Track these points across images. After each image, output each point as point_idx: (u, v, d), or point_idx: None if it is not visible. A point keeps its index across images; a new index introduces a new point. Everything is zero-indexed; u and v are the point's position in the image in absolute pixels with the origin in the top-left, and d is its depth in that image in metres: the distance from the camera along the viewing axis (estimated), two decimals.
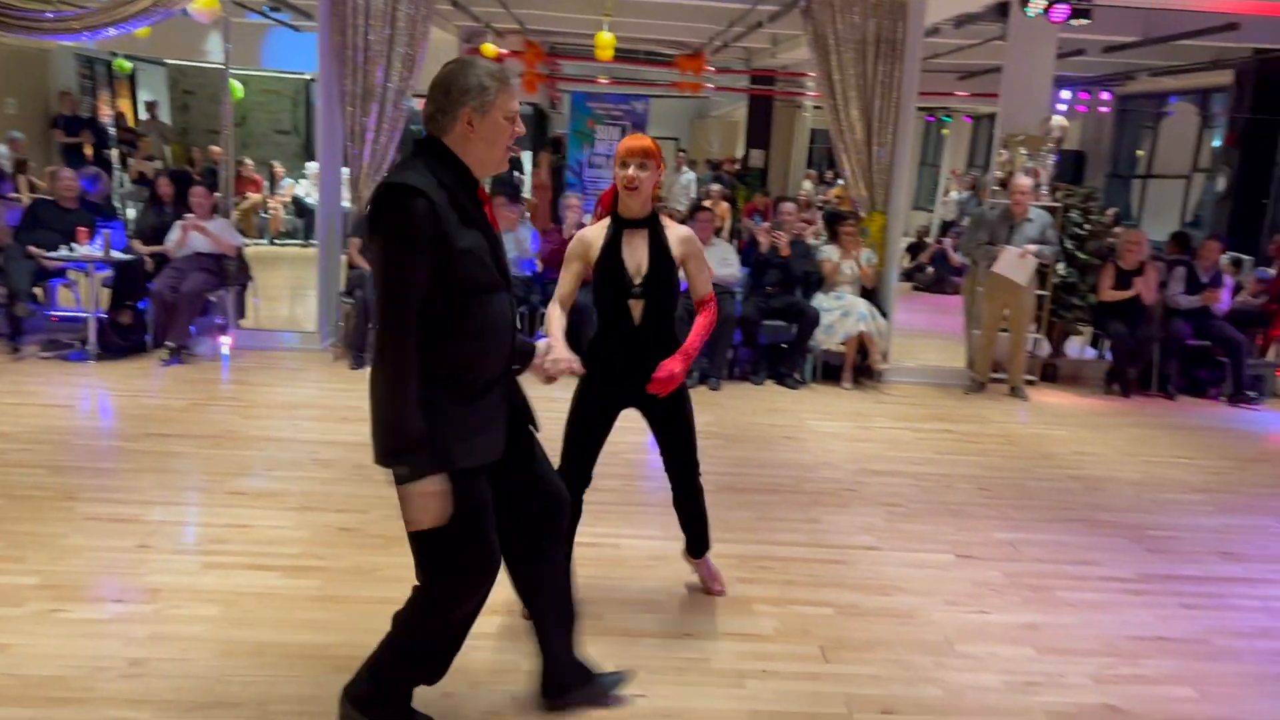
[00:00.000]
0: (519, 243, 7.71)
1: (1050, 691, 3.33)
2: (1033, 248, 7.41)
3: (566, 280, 3.57)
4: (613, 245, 3.48)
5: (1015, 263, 7.40)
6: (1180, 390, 8.11)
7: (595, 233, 3.54)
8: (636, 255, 3.48)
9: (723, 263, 7.82)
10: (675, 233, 3.57)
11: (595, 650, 3.42)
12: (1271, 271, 9.39)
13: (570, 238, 3.50)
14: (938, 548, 4.57)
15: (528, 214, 9.84)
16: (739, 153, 18.38)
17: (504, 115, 2.55)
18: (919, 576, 4.24)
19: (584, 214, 8.12)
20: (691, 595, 3.91)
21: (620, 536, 4.47)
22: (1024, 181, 7.52)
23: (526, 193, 13.28)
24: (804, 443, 6.21)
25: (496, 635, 3.52)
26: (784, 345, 7.86)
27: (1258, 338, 8.85)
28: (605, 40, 11.28)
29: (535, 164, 13.26)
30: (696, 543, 3.89)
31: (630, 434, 6.15)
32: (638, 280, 3.48)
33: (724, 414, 6.77)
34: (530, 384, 2.96)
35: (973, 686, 3.34)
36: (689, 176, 14.00)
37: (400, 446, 2.46)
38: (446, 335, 2.51)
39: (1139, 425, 7.16)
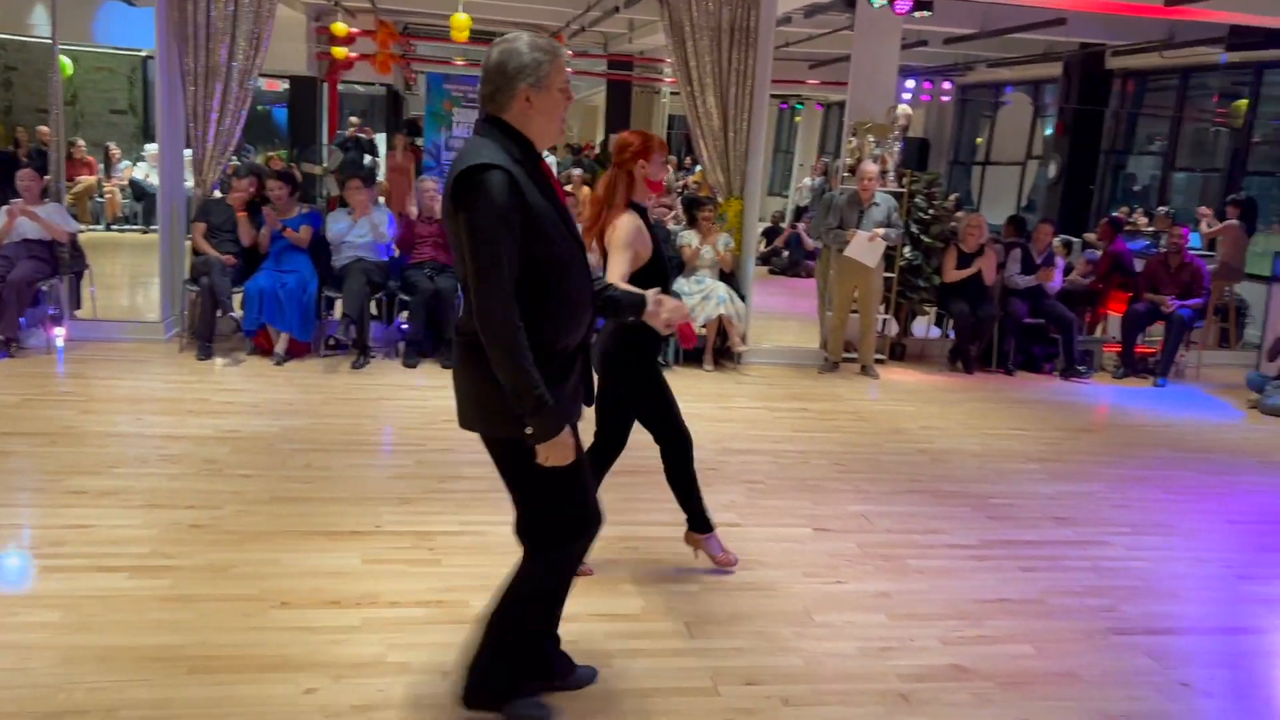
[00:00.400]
0: (374, 227, 7.53)
1: (902, 655, 3.49)
2: (881, 231, 7.70)
3: (626, 263, 3.62)
4: (650, 232, 3.73)
5: (865, 246, 7.67)
6: (1018, 366, 8.58)
7: (637, 221, 3.69)
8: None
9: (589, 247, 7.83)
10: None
11: (463, 638, 3.40)
12: (1098, 253, 10.03)
13: (432, 223, 3.48)
14: (796, 522, 4.72)
15: (381, 198, 9.63)
16: (599, 137, 18.42)
17: (558, 88, 2.66)
18: (778, 550, 4.37)
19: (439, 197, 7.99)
20: None
21: (489, 524, 4.44)
22: (870, 168, 7.80)
23: (382, 176, 12.98)
24: None
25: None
26: None
27: (1087, 315, 9.45)
28: (460, 21, 11.10)
29: (390, 146, 12.96)
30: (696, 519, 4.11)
31: None
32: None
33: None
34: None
35: (831, 654, 3.48)
36: (549, 160, 13.95)
37: (533, 408, 2.56)
38: (534, 308, 2.59)
39: (980, 400, 7.55)
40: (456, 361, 2.77)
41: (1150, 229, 11.49)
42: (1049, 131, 14.81)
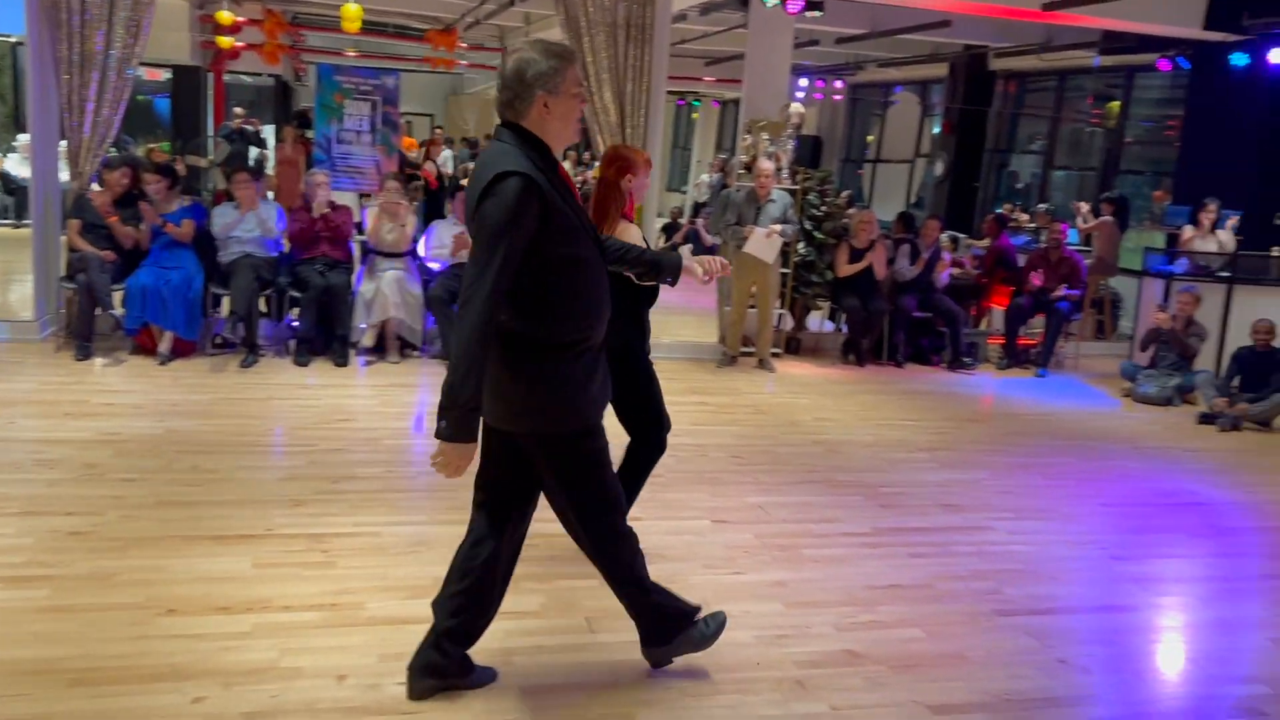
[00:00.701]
0: (261, 221, 7.33)
1: (797, 643, 3.56)
2: (777, 227, 7.83)
3: None
4: None
5: (763, 242, 7.80)
6: (907, 358, 8.84)
7: (640, 232, 3.96)
8: None
9: None
10: None
11: (359, 640, 3.35)
12: (984, 248, 10.39)
13: (320, 216, 3.43)
14: (695, 514, 4.78)
15: (270, 192, 9.37)
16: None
17: (572, 92, 2.77)
18: (678, 543, 4.41)
19: (332, 191, 7.82)
20: None
21: (383, 525, 4.38)
22: (766, 165, 7.93)
23: (271, 169, 12.61)
24: None
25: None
26: None
27: (972, 309, 9.78)
28: (352, 12, 10.88)
29: (279, 139, 12.61)
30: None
31: (391, 419, 6.05)
32: None
33: None
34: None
35: (729, 643, 3.52)
36: (446, 154, 13.77)
37: (464, 404, 2.64)
38: (562, 308, 2.74)
39: (872, 391, 7.75)
40: (496, 361, 2.76)
41: (1031, 225, 11.95)
42: (936, 130, 15.26)
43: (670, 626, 3.22)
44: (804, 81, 16.19)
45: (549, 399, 2.79)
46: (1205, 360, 8.33)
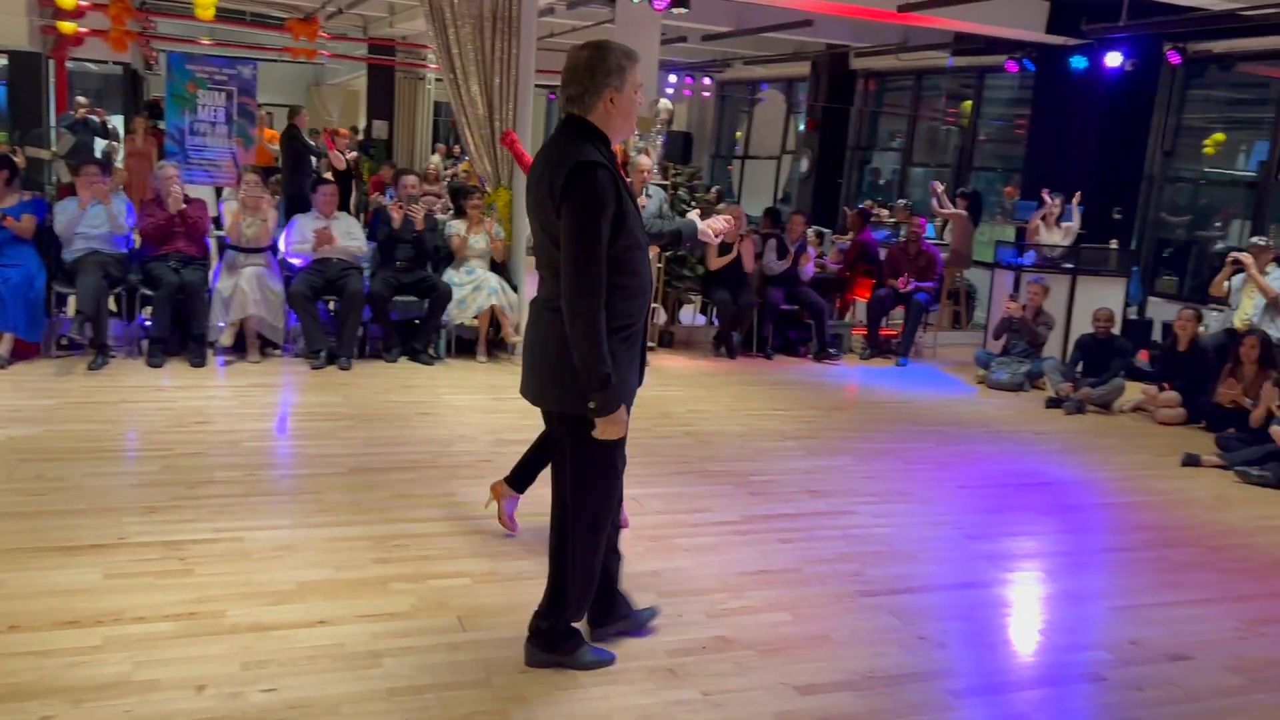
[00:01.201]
0: (112, 217, 6.97)
1: (670, 631, 3.61)
2: (659, 222, 7.88)
3: None
4: None
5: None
6: (775, 350, 9.04)
7: None
8: None
9: (348, 236, 7.59)
10: None
11: (219, 649, 3.23)
12: (847, 242, 10.71)
13: (178, 213, 3.29)
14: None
15: (121, 186, 8.93)
16: (361, 123, 17.82)
17: (634, 90, 2.98)
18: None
19: (185, 184, 7.51)
20: (323, 584, 3.80)
21: (244, 529, 4.23)
22: (645, 160, 7.96)
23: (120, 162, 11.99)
24: (440, 418, 6.21)
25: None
26: (416, 321, 7.78)
27: (836, 301, 10.08)
28: (205, 0, 10.45)
29: (129, 130, 12.02)
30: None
31: (252, 421, 5.85)
32: None
33: (355, 393, 6.60)
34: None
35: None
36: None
37: (600, 384, 2.85)
38: (619, 291, 2.91)
39: (742, 383, 7.90)
40: (541, 341, 3.02)
41: (892, 220, 12.37)
42: (801, 128, 15.63)
43: (563, 643, 3.28)
44: (673, 78, 16.36)
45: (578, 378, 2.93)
46: (1052, 347, 8.80)
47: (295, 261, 7.53)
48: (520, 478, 4.36)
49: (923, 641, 3.69)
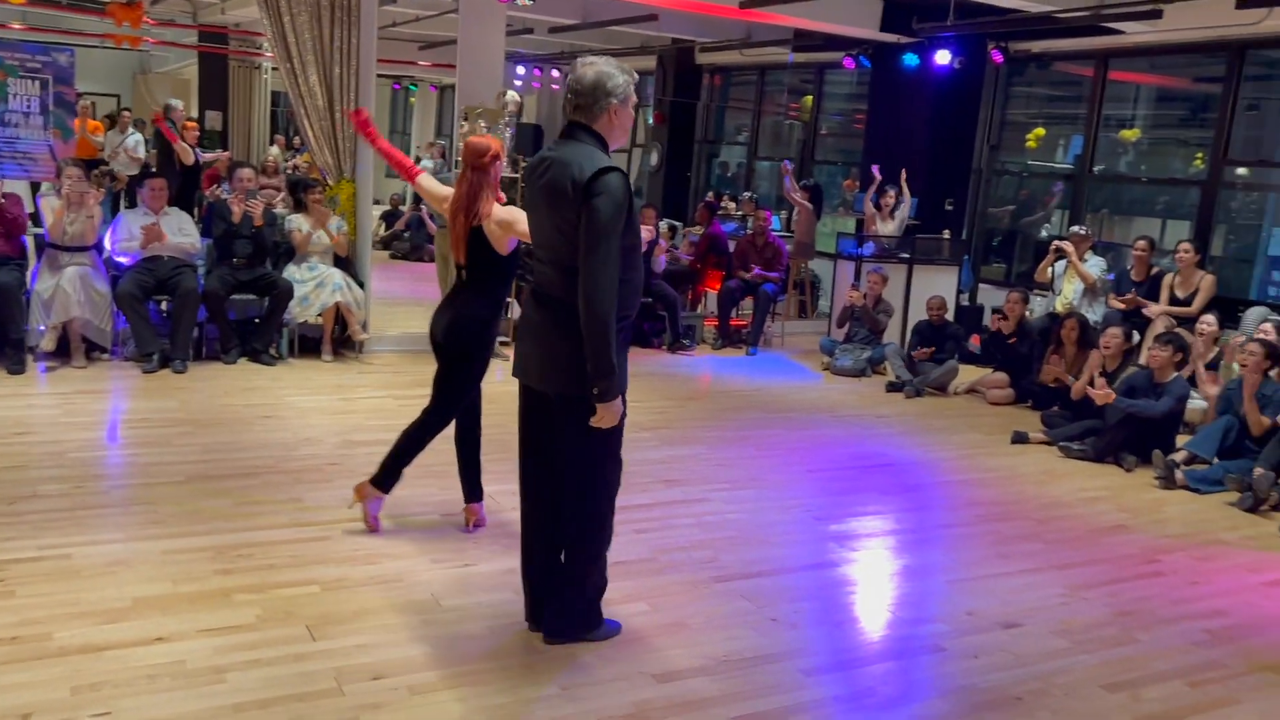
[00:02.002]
0: None
1: (526, 628, 3.59)
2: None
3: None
4: None
5: None
6: (631, 342, 9.08)
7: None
8: None
9: (179, 233, 7.23)
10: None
11: (47, 674, 3.04)
12: (698, 235, 10.87)
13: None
14: (422, 510, 4.70)
15: None
16: (193, 113, 16.99)
17: (632, 104, 3.27)
18: (404, 540, 4.33)
19: (2, 182, 7.00)
20: (159, 599, 3.61)
21: (71, 545, 3.99)
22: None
23: None
24: (284, 420, 6.00)
25: None
26: (256, 320, 7.49)
27: (688, 293, 10.23)
28: None
29: None
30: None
31: (79, 430, 5.52)
32: None
33: (192, 398, 6.30)
34: None
35: (461, 637, 3.51)
36: (135, 138, 12.64)
37: (606, 372, 3.08)
38: (621, 285, 3.10)
39: None
40: (549, 330, 3.24)
41: (739, 213, 12.62)
42: (650, 121, 15.76)
43: (589, 619, 3.52)
44: (521, 70, 16.23)
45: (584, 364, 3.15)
46: (892, 334, 9.17)
47: (122, 260, 7.13)
48: (388, 478, 4.33)
49: (775, 623, 3.79)
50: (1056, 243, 8.54)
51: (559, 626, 3.49)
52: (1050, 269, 8.63)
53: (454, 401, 4.35)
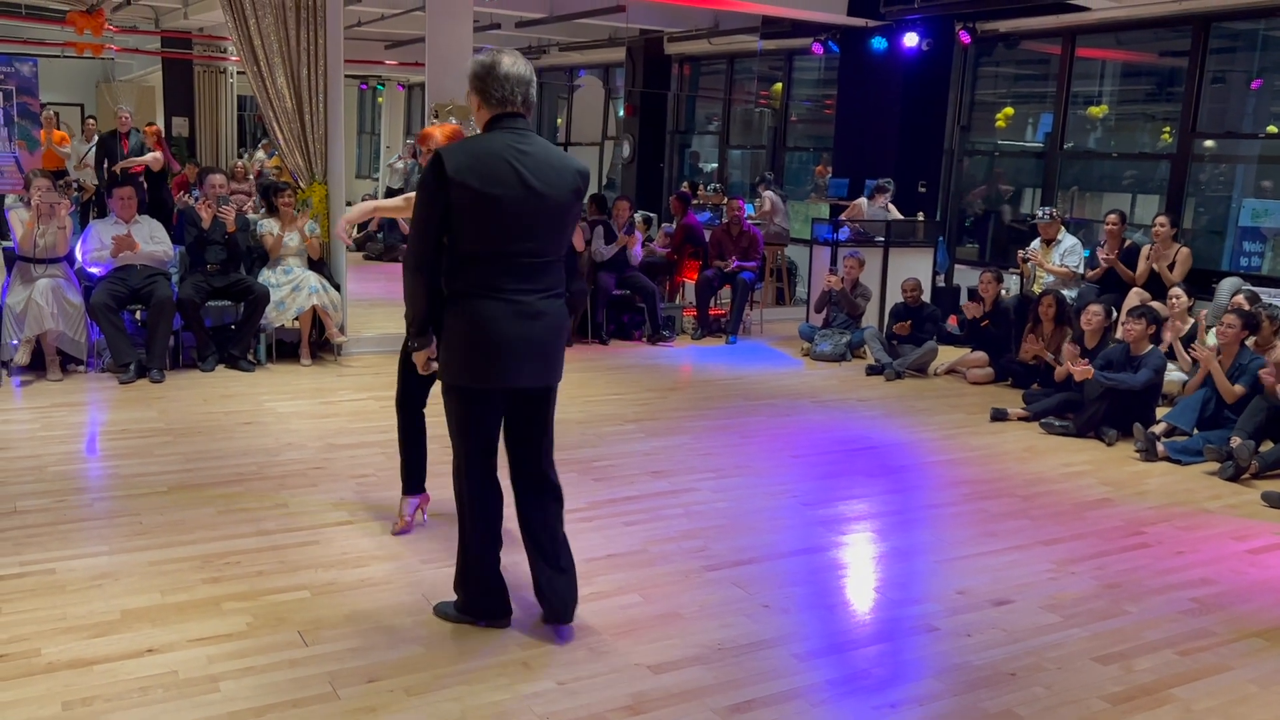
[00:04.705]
0: None
1: (521, 624, 3.57)
2: None
3: None
4: None
5: None
6: (611, 335, 9.09)
7: None
8: None
9: (151, 241, 7.16)
10: None
11: (36, 690, 3.00)
12: (673, 226, 10.86)
13: None
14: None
15: None
16: (159, 121, 16.80)
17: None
18: (393, 542, 4.30)
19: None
20: (149, 610, 3.58)
21: (55, 560, 3.94)
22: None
23: None
24: (265, 426, 5.95)
25: None
26: (232, 326, 7.42)
27: (666, 284, 10.22)
28: None
29: None
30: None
31: (57, 444, 5.45)
32: None
33: (171, 407, 6.24)
34: None
35: (452, 637, 3.49)
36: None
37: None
38: None
39: (580, 370, 7.90)
40: (559, 328, 3.38)
41: (709, 203, 12.63)
42: (621, 113, 15.73)
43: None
44: None
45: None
46: (870, 317, 9.20)
47: (94, 270, 7.05)
48: (415, 479, 4.43)
49: (767, 610, 3.80)
50: (1021, 254, 8.74)
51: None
52: (1026, 264, 8.78)
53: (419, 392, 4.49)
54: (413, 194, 4.22)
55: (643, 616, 3.70)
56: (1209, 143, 9.52)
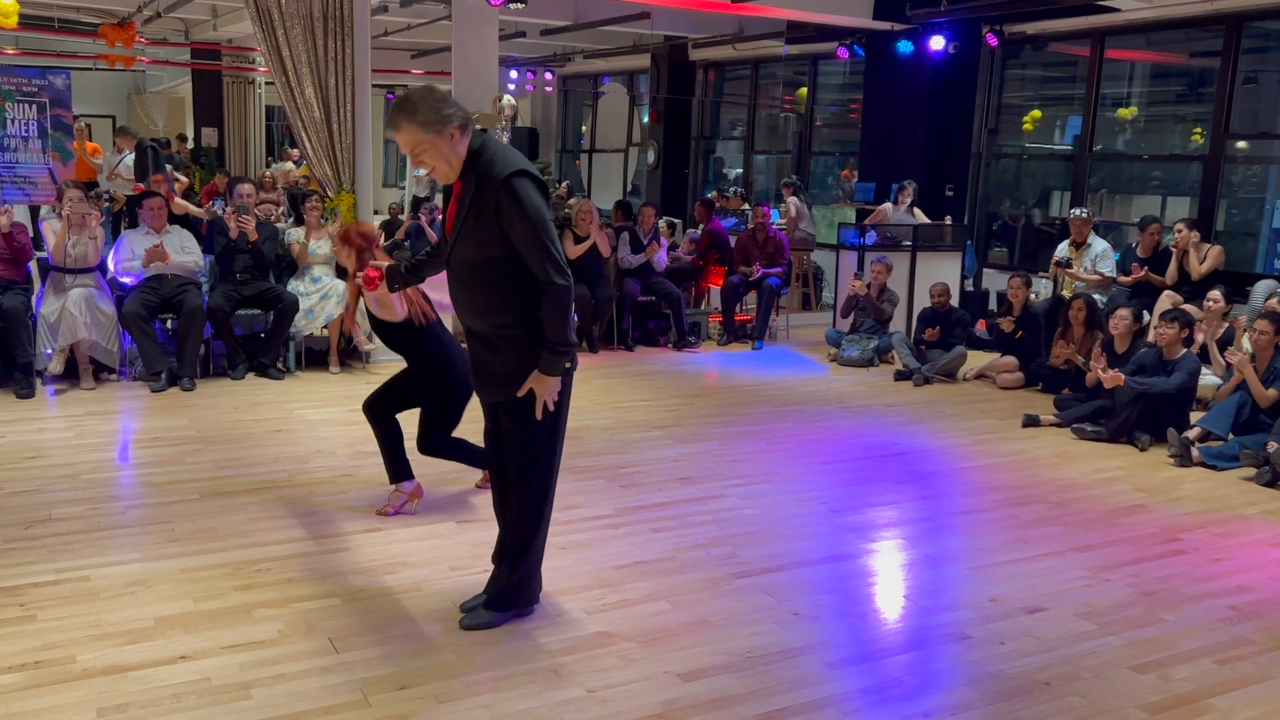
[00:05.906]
0: None
1: (551, 631, 3.58)
2: None
3: None
4: None
5: None
6: (636, 341, 9.09)
7: None
8: None
9: (181, 251, 7.23)
10: None
11: (72, 697, 3.03)
12: (698, 232, 10.85)
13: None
14: (439, 518, 4.68)
15: None
16: (189, 131, 17.00)
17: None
18: (423, 549, 4.31)
19: (12, 209, 6.99)
20: (182, 617, 3.61)
21: (90, 567, 3.98)
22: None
23: None
24: (295, 434, 5.99)
25: None
26: (261, 334, 7.48)
27: (691, 290, 10.21)
28: (8, 7, 9.75)
29: None
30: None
31: (91, 452, 5.51)
32: None
33: (202, 414, 6.30)
34: None
35: (482, 643, 3.49)
36: (131, 158, 12.62)
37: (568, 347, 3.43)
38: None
39: (607, 376, 7.91)
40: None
41: (732, 208, 12.60)
42: (645, 120, 15.75)
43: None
44: (514, 74, 16.22)
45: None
46: (898, 322, 9.14)
47: (126, 280, 7.12)
48: (405, 467, 4.71)
49: (797, 617, 3.78)
50: (1054, 266, 8.71)
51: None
52: (1057, 269, 8.73)
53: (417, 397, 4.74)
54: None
55: (672, 624, 3.68)
56: (1241, 144, 9.40)
